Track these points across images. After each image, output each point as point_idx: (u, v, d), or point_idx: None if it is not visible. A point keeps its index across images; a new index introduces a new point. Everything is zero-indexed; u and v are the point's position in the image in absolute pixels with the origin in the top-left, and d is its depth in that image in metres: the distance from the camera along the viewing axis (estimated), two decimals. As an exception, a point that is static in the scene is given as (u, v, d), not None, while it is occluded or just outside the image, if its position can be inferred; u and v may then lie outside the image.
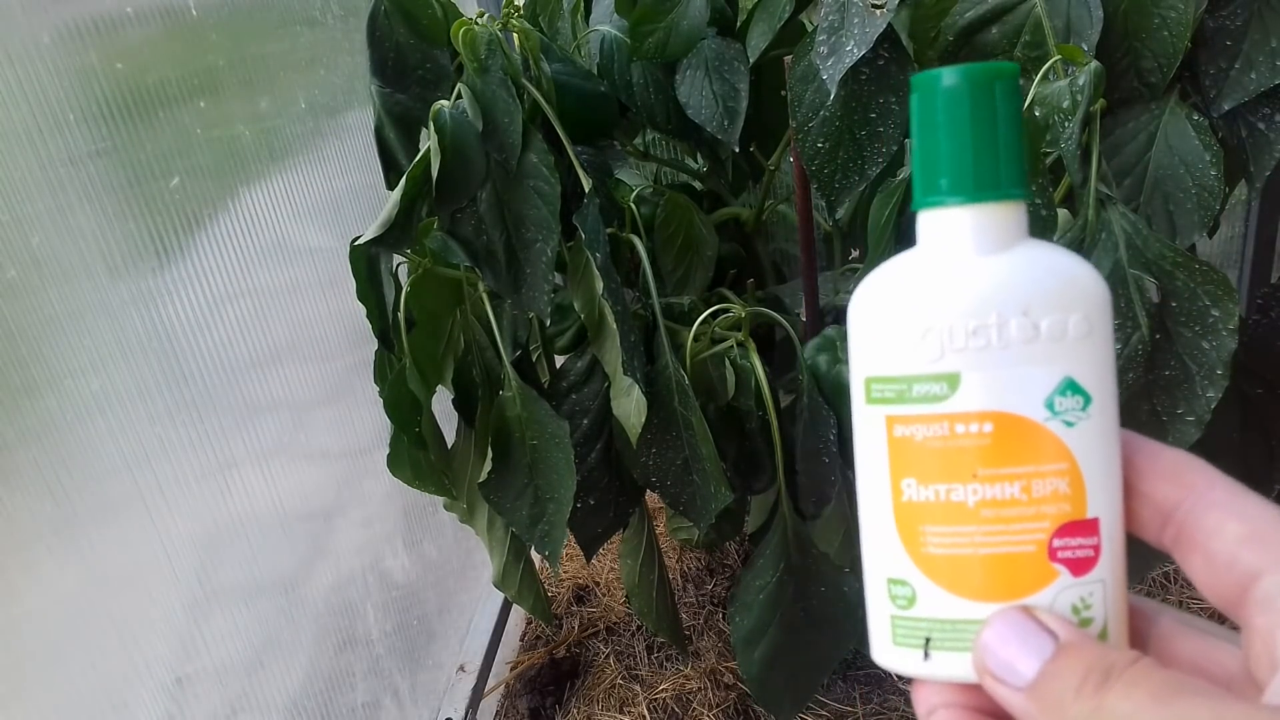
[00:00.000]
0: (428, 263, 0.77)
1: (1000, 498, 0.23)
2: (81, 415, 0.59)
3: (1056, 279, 0.23)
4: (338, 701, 0.88)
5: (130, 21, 0.66)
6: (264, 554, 0.78)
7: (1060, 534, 0.23)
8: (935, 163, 0.24)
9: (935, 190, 0.24)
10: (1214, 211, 0.62)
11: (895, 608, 0.25)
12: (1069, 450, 0.23)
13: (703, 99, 0.84)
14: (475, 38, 0.68)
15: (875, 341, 0.24)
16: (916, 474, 0.24)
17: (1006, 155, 0.24)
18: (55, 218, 0.57)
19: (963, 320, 0.23)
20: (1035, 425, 0.23)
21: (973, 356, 0.23)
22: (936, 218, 0.24)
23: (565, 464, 0.73)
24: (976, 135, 0.23)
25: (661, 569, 0.99)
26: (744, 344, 0.80)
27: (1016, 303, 0.23)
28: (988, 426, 0.23)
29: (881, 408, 0.24)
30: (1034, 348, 0.23)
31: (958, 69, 0.23)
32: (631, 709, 1.18)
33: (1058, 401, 0.23)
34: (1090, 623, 0.23)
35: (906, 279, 0.24)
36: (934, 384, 0.23)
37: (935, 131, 0.24)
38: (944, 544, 0.24)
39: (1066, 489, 0.23)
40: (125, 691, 0.61)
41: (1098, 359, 0.23)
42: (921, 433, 0.24)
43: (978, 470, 0.23)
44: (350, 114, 1.00)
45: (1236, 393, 0.59)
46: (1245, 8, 0.61)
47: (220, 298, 0.73)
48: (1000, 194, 0.24)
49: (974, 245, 0.24)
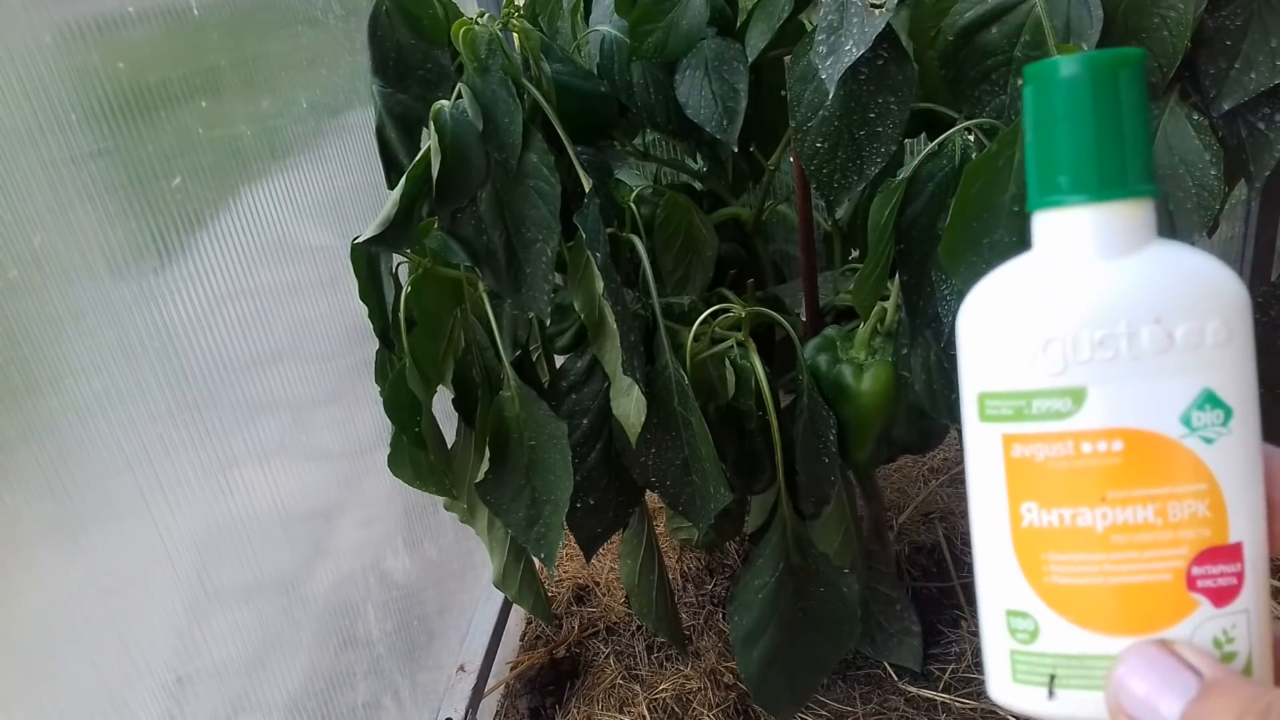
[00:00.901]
0: (428, 262, 0.77)
1: (1133, 522, 0.21)
2: (83, 414, 0.59)
3: (1191, 282, 0.21)
4: (338, 701, 0.88)
5: (132, 21, 0.66)
6: (264, 553, 0.78)
7: (1200, 561, 0.21)
8: (1054, 159, 0.22)
9: (1054, 189, 0.22)
10: (1214, 211, 0.62)
11: (1015, 642, 0.23)
12: (1209, 469, 0.21)
13: (702, 99, 0.84)
14: (475, 37, 0.68)
15: (989, 354, 0.23)
16: (1038, 497, 0.22)
17: (1133, 149, 0.22)
18: (57, 217, 0.58)
19: (1088, 330, 0.21)
20: (1171, 443, 0.21)
21: (1100, 369, 0.21)
22: (1056, 219, 0.23)
23: (563, 465, 0.73)
24: (1100, 128, 0.22)
25: (661, 569, 0.99)
26: (744, 344, 0.80)
27: (1148, 309, 0.21)
28: (1118, 445, 0.21)
29: (998, 426, 0.23)
30: (1168, 358, 0.21)
31: (1079, 56, 0.22)
32: (631, 709, 1.18)
33: (1195, 416, 0.21)
34: (1234, 657, 0.21)
35: (1024, 286, 0.23)
36: (1057, 399, 0.22)
37: (1053, 125, 0.22)
38: (1070, 573, 0.22)
39: (1206, 512, 0.21)
40: (125, 691, 0.61)
41: (1238, 368, 0.21)
42: (1043, 452, 0.22)
43: (1107, 493, 0.21)
44: (351, 113, 1.00)
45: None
46: (1245, 7, 0.61)
47: (221, 297, 0.73)
48: (1127, 191, 0.22)
49: (1099, 248, 0.22)
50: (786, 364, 0.91)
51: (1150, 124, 0.23)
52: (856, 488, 1.02)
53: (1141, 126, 0.22)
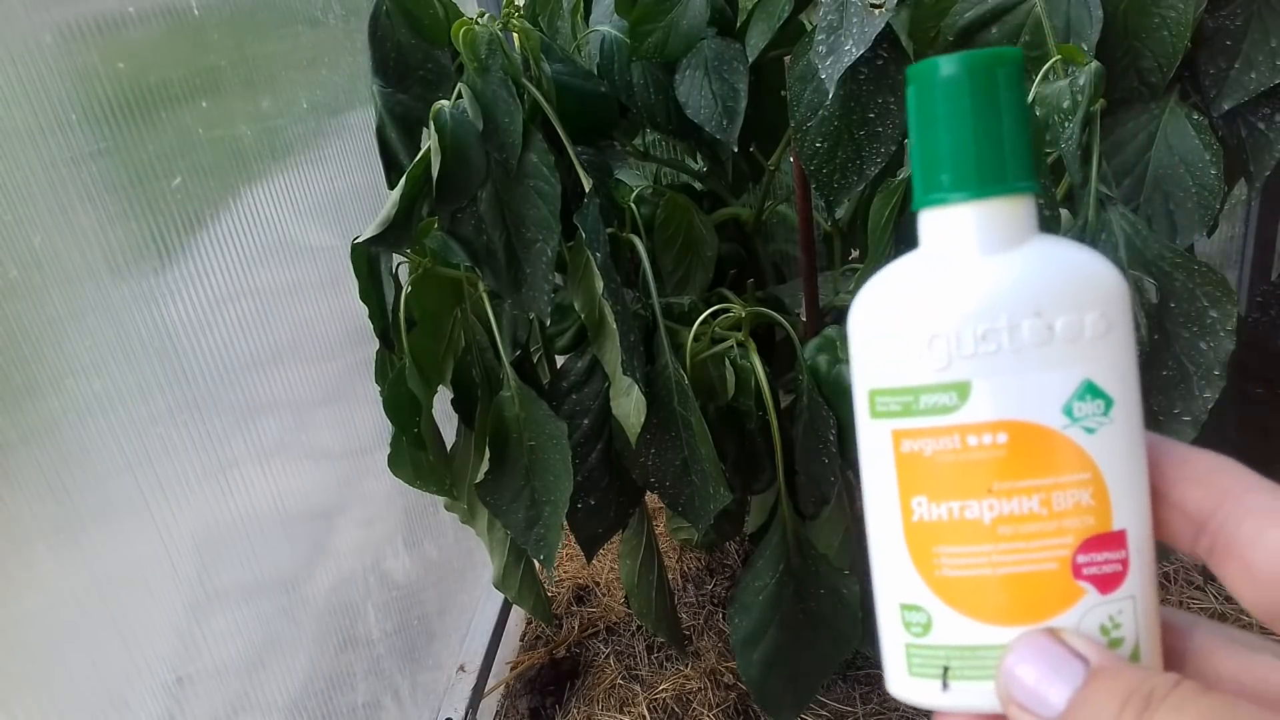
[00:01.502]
0: (428, 262, 0.77)
1: (1018, 513, 0.22)
2: (83, 415, 0.59)
3: (1070, 275, 0.22)
4: (338, 701, 0.88)
5: (132, 21, 0.66)
6: (264, 554, 0.78)
7: (1085, 549, 0.21)
8: (936, 158, 0.23)
9: (937, 187, 0.23)
10: (1214, 211, 0.62)
11: (910, 635, 0.23)
12: (1091, 459, 0.21)
13: (702, 99, 0.84)
14: (476, 38, 0.68)
15: (878, 351, 0.23)
16: (927, 491, 0.22)
17: (1012, 146, 0.22)
18: (57, 217, 0.58)
19: (971, 324, 0.21)
20: (1053, 434, 0.21)
21: (983, 363, 0.21)
22: (939, 217, 0.23)
23: (563, 465, 0.73)
24: (979, 126, 0.22)
25: (661, 569, 0.99)
26: (744, 344, 0.80)
27: (1028, 303, 0.21)
28: (1002, 437, 0.22)
29: (887, 422, 0.23)
30: (1049, 350, 0.21)
31: (957, 56, 0.22)
32: (631, 709, 1.18)
33: (1077, 407, 0.21)
34: (1121, 643, 0.21)
35: (909, 283, 0.23)
36: (943, 394, 0.22)
37: (934, 124, 0.23)
38: (960, 565, 0.22)
39: (1090, 500, 0.21)
40: (126, 691, 0.61)
41: (1118, 359, 0.22)
42: (931, 447, 0.22)
43: (993, 484, 0.22)
44: (352, 113, 1.00)
45: (1236, 391, 0.59)
46: (1245, 7, 0.61)
47: (221, 297, 0.73)
48: (1006, 188, 0.22)
49: (980, 244, 0.22)
50: (786, 364, 0.91)
51: (1030, 122, 0.23)
52: (857, 488, 1.02)
53: (1021, 124, 0.22)
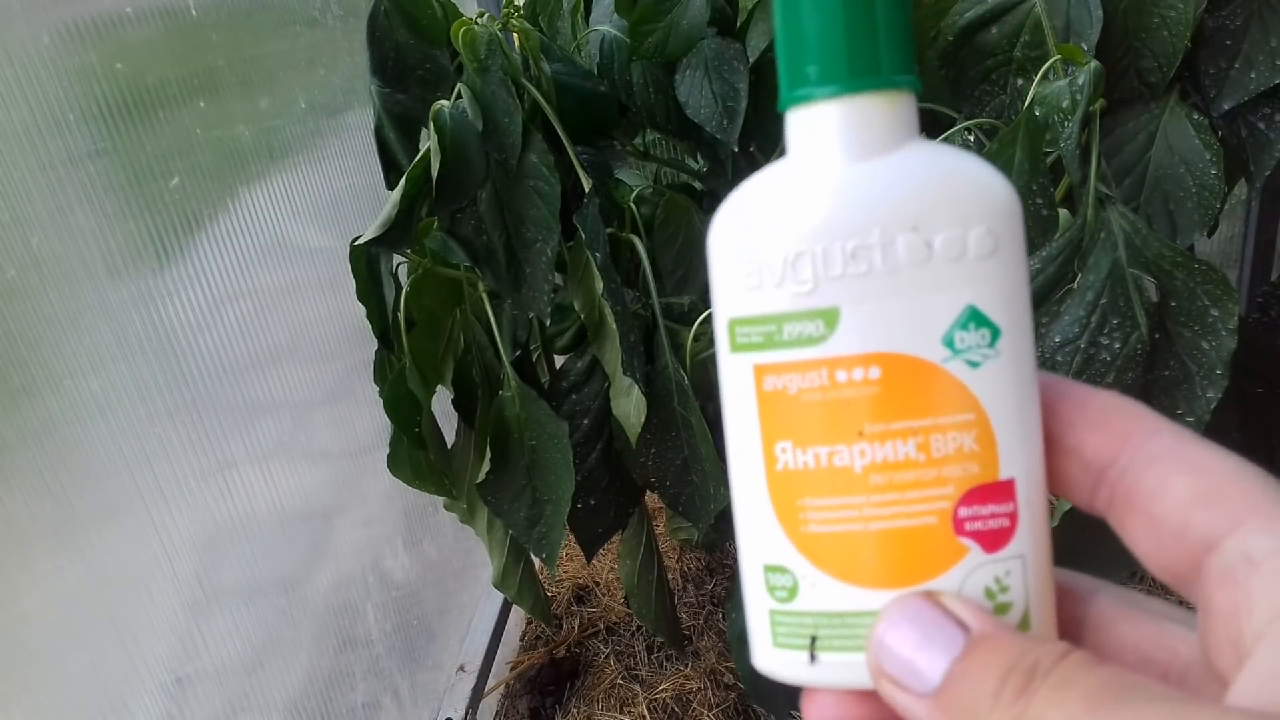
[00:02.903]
0: (428, 263, 0.77)
1: (892, 459, 0.19)
2: (81, 415, 0.59)
3: (953, 186, 0.19)
4: (337, 702, 0.88)
5: (130, 21, 0.66)
6: (264, 554, 0.78)
7: (967, 501, 0.19)
8: (801, 47, 0.20)
9: (801, 81, 0.20)
10: (1214, 211, 0.62)
11: (774, 601, 0.20)
12: (975, 397, 0.19)
13: (702, 99, 0.84)
14: (475, 37, 0.68)
15: (737, 274, 0.20)
16: (793, 435, 0.19)
17: (886, 34, 0.19)
18: (55, 218, 0.57)
19: (839, 240, 0.19)
20: (932, 367, 0.19)
21: (853, 286, 0.19)
22: (805, 117, 0.20)
23: (564, 465, 0.73)
24: (848, 10, 0.19)
25: (660, 570, 0.99)
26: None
27: (903, 217, 0.18)
28: (874, 372, 0.19)
29: (748, 355, 0.20)
30: (927, 271, 0.18)
31: None
32: (631, 709, 1.18)
33: (959, 337, 0.19)
34: (1008, 608, 0.19)
35: (770, 196, 0.20)
36: (808, 322, 0.19)
37: (798, 7, 0.20)
38: (828, 520, 0.19)
39: (973, 445, 0.19)
40: (125, 692, 0.61)
41: (1007, 282, 0.19)
42: (796, 384, 0.19)
43: (864, 427, 0.19)
44: (350, 114, 1.00)
45: (1236, 392, 0.59)
46: (1245, 7, 0.61)
47: (220, 298, 0.73)
48: (880, 81, 0.19)
49: (850, 148, 0.19)
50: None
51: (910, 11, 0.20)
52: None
53: (898, 10, 0.19)
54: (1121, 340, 0.56)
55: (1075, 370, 0.56)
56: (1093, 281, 0.56)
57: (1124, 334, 0.56)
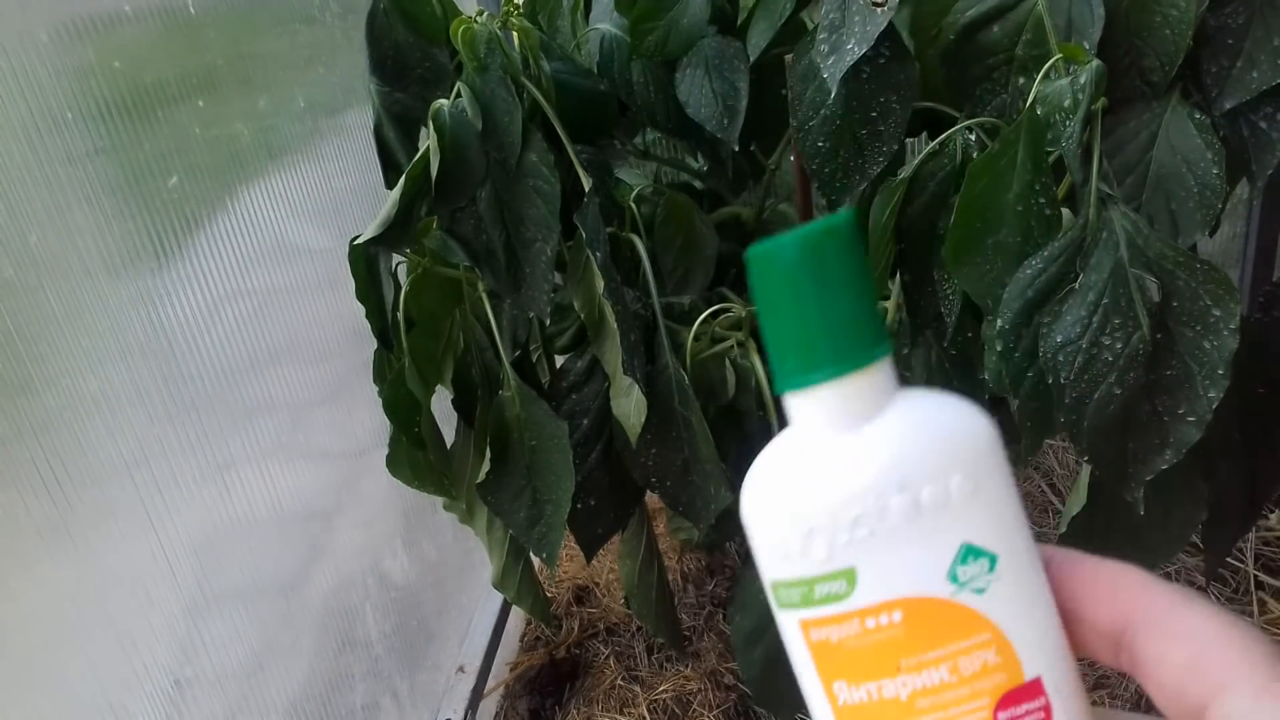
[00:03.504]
0: (427, 262, 0.77)
1: (931, 685, 0.22)
2: (80, 415, 0.58)
3: (929, 442, 0.22)
4: (337, 703, 0.88)
5: (128, 20, 0.66)
6: (263, 555, 0.78)
7: (1003, 705, 0.21)
8: (782, 343, 0.22)
9: (786, 373, 0.23)
10: (1216, 210, 0.62)
11: None
12: (987, 619, 0.21)
13: (702, 97, 0.84)
14: (475, 36, 0.68)
15: (769, 545, 0.23)
16: (845, 675, 0.22)
17: (856, 318, 0.22)
18: (53, 216, 0.57)
19: (841, 513, 0.21)
20: (944, 603, 0.21)
21: (861, 548, 0.21)
22: (799, 400, 0.23)
23: (564, 465, 0.73)
24: (820, 307, 0.22)
25: (661, 570, 0.99)
26: (744, 344, 0.80)
27: (891, 480, 0.21)
28: (897, 615, 0.22)
29: (793, 612, 0.23)
30: (921, 523, 0.21)
31: (785, 239, 0.22)
32: (631, 710, 1.18)
33: (961, 571, 0.21)
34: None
35: (781, 475, 0.23)
36: (833, 583, 0.22)
37: (775, 309, 0.22)
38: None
39: (995, 658, 0.21)
40: (124, 695, 0.61)
41: (993, 513, 0.21)
42: (836, 634, 0.22)
43: (900, 661, 0.22)
44: (349, 113, 1.00)
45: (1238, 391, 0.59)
46: (1247, 6, 0.61)
47: (219, 297, 0.73)
48: (855, 363, 0.22)
49: (840, 422, 0.22)
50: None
51: (872, 284, 0.22)
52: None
53: (860, 293, 0.22)
54: (1124, 340, 0.56)
55: (1077, 370, 0.56)
56: (1095, 281, 0.55)
57: (1126, 334, 0.55)
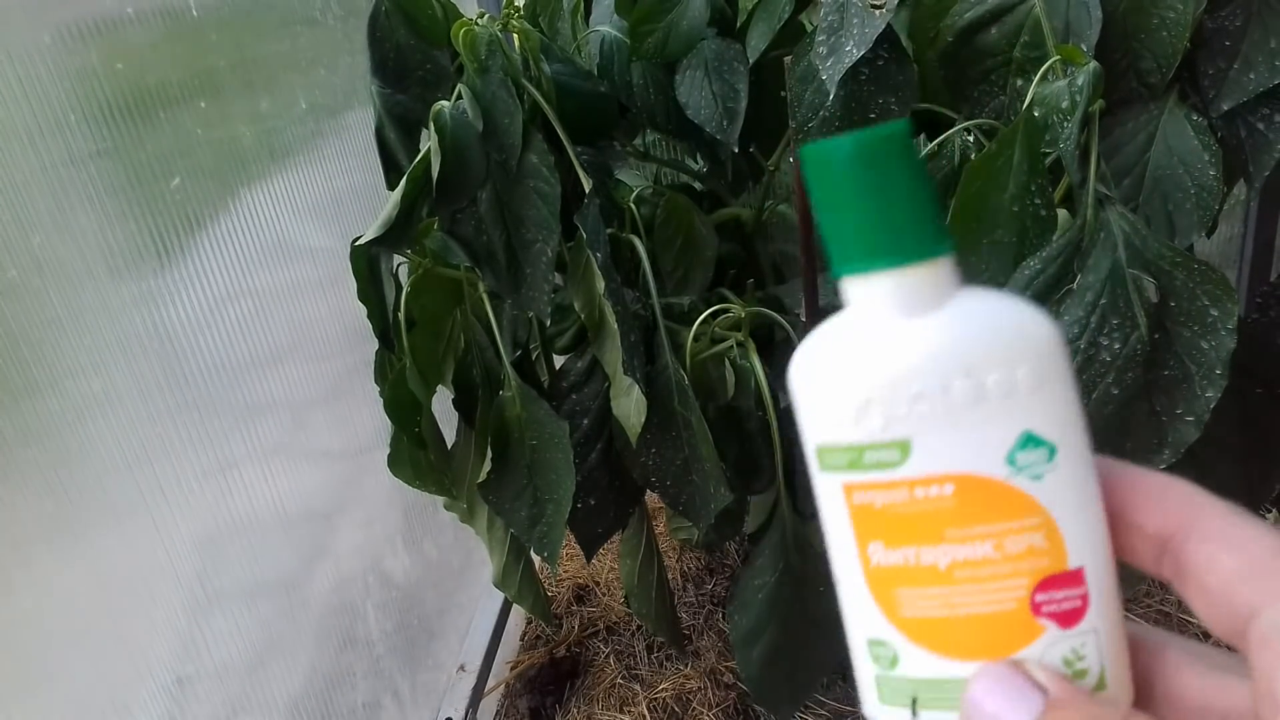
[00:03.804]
0: (428, 263, 0.77)
1: (973, 558, 0.22)
2: (82, 415, 0.59)
3: (997, 332, 0.22)
4: (338, 701, 0.88)
5: (131, 22, 0.66)
6: (264, 554, 0.78)
7: (1042, 588, 0.22)
8: (844, 234, 0.23)
9: (849, 258, 0.23)
10: (1213, 211, 0.62)
11: (879, 667, 0.24)
12: (1039, 504, 0.22)
13: (702, 99, 0.84)
14: (475, 38, 0.68)
15: (819, 412, 0.23)
16: (883, 538, 0.23)
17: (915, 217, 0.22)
18: (56, 218, 0.58)
19: (903, 387, 0.22)
20: (999, 484, 0.22)
21: (920, 422, 0.22)
22: (859, 283, 0.23)
23: (564, 464, 0.74)
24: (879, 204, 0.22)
25: (660, 569, 0.99)
26: (744, 344, 0.80)
27: (956, 365, 0.21)
28: (948, 489, 0.22)
29: (837, 475, 0.23)
30: (984, 407, 0.21)
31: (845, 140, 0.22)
32: (631, 708, 1.18)
33: (1019, 457, 0.22)
34: (1085, 674, 0.22)
35: (840, 347, 0.23)
36: (885, 451, 0.22)
37: (836, 205, 0.23)
38: (921, 606, 0.23)
39: (1043, 543, 0.22)
40: (126, 692, 0.61)
41: (1057, 406, 0.22)
42: (881, 499, 0.23)
43: (946, 531, 0.22)
44: (350, 114, 1.00)
45: (1236, 391, 0.60)
46: (1244, 8, 0.61)
47: (221, 298, 0.73)
48: (918, 255, 0.22)
49: (903, 308, 0.22)
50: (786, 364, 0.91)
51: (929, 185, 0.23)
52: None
53: (922, 192, 0.22)
54: (1121, 340, 0.56)
55: (1075, 370, 0.56)
56: (1092, 282, 0.56)
57: (1124, 334, 0.56)
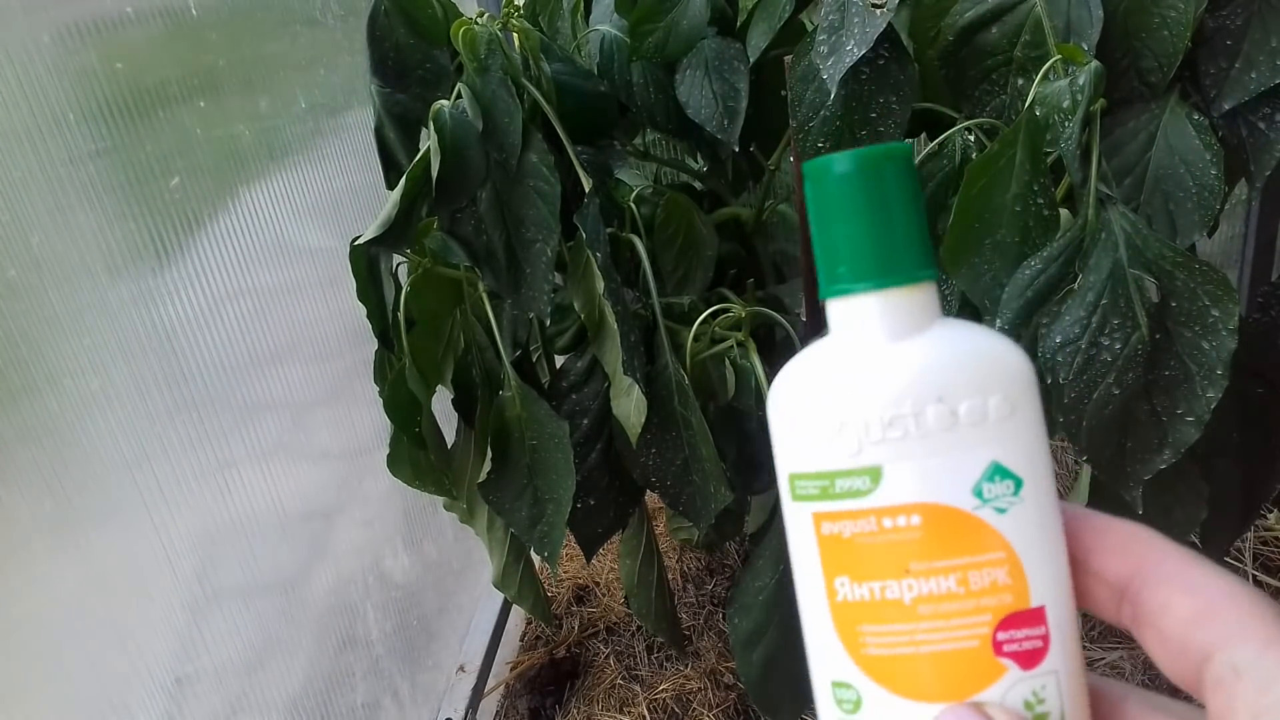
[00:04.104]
0: (428, 263, 0.77)
1: (937, 592, 0.22)
2: (81, 415, 0.59)
3: (972, 361, 0.22)
4: (337, 702, 0.88)
5: (130, 21, 0.66)
6: (264, 554, 0.78)
7: (1004, 626, 0.22)
8: (835, 251, 0.23)
9: (837, 278, 0.23)
10: (1214, 211, 0.62)
11: (841, 712, 0.23)
12: (1004, 538, 0.22)
13: (702, 98, 0.84)
14: (475, 37, 0.68)
15: (793, 437, 0.24)
16: (849, 572, 0.23)
17: (907, 238, 0.23)
18: (55, 217, 0.57)
19: (878, 412, 0.22)
20: (965, 515, 0.22)
21: (892, 448, 0.22)
22: (844, 306, 0.23)
23: (565, 464, 0.73)
24: (874, 221, 0.23)
25: (661, 570, 0.99)
26: (744, 344, 0.80)
27: (931, 390, 0.22)
28: (915, 519, 0.22)
29: (807, 505, 0.23)
30: (955, 434, 0.22)
31: (847, 155, 0.23)
32: (631, 709, 1.18)
33: (986, 488, 0.22)
34: (1046, 717, 0.22)
35: (819, 371, 0.24)
36: (856, 479, 0.22)
37: (831, 220, 0.23)
38: (884, 644, 0.22)
39: (1006, 579, 0.22)
40: (125, 692, 0.61)
41: (1025, 439, 0.22)
42: (849, 529, 0.23)
43: (910, 565, 0.22)
44: (350, 113, 1.00)
45: (1236, 392, 0.59)
46: (1245, 7, 0.61)
47: (220, 297, 0.73)
48: (904, 278, 0.23)
49: (884, 332, 0.23)
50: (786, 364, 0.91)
51: (924, 211, 0.23)
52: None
53: (915, 215, 0.23)
54: (1122, 340, 0.56)
55: (1076, 370, 0.56)
56: (1093, 282, 0.56)
57: (1125, 334, 0.56)
